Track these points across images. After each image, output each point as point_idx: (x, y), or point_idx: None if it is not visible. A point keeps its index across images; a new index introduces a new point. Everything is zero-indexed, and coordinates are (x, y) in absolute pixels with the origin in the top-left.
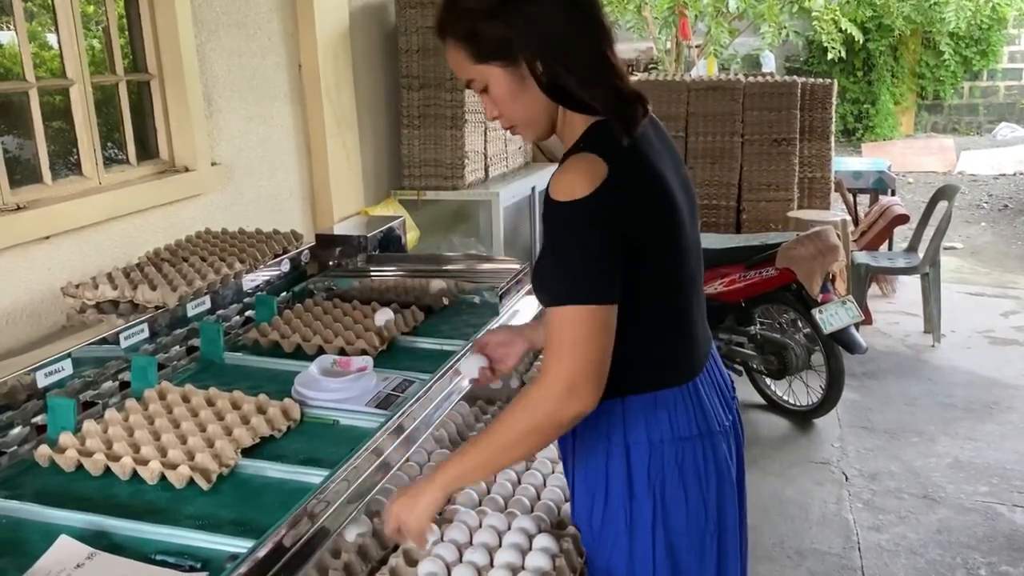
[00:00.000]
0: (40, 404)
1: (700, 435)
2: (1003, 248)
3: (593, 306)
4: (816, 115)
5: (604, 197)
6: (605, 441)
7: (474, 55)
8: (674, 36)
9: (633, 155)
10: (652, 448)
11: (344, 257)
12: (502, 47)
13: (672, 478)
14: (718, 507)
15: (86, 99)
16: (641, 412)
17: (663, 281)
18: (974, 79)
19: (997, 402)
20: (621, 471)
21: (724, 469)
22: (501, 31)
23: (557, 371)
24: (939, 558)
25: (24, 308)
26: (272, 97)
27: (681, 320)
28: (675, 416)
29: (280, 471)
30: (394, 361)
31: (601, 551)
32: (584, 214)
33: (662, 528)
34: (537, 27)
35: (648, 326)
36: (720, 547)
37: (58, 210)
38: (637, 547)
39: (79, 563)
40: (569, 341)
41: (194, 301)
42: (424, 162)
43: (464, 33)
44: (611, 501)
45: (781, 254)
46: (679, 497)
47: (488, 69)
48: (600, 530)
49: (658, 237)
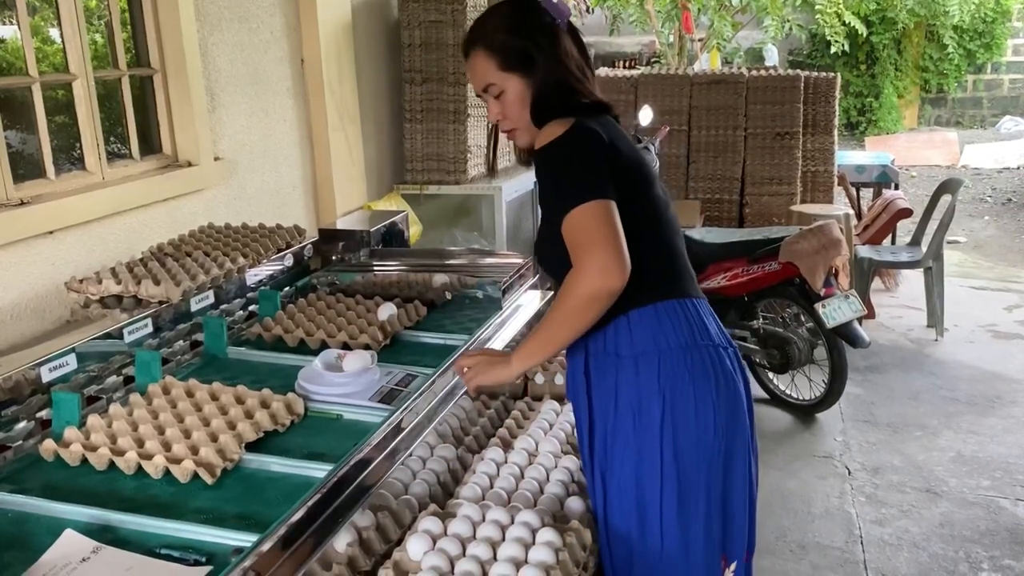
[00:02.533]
0: (45, 399)
1: (703, 344)
2: (1006, 242)
3: (595, 201)
4: (819, 109)
5: (580, 130)
6: (614, 357)
7: (501, 64)
8: (677, 30)
9: (597, 120)
10: (661, 355)
11: (347, 252)
12: (524, 59)
13: (682, 381)
14: (727, 423)
15: (89, 94)
16: (647, 323)
17: (645, 212)
18: (978, 72)
19: (1000, 396)
20: (630, 381)
21: (732, 380)
22: (525, 44)
23: (586, 259)
24: (942, 552)
25: (28, 303)
26: (275, 91)
27: (669, 250)
28: (678, 325)
29: (284, 465)
30: (397, 356)
31: (612, 471)
32: (567, 143)
33: (670, 435)
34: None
35: (646, 249)
36: (727, 466)
37: (61, 205)
38: (645, 458)
39: (84, 557)
40: (586, 236)
41: (198, 296)
42: (427, 156)
43: (498, 46)
44: (620, 412)
45: (784, 248)
46: (688, 401)
47: (509, 77)
48: (611, 447)
49: (632, 174)
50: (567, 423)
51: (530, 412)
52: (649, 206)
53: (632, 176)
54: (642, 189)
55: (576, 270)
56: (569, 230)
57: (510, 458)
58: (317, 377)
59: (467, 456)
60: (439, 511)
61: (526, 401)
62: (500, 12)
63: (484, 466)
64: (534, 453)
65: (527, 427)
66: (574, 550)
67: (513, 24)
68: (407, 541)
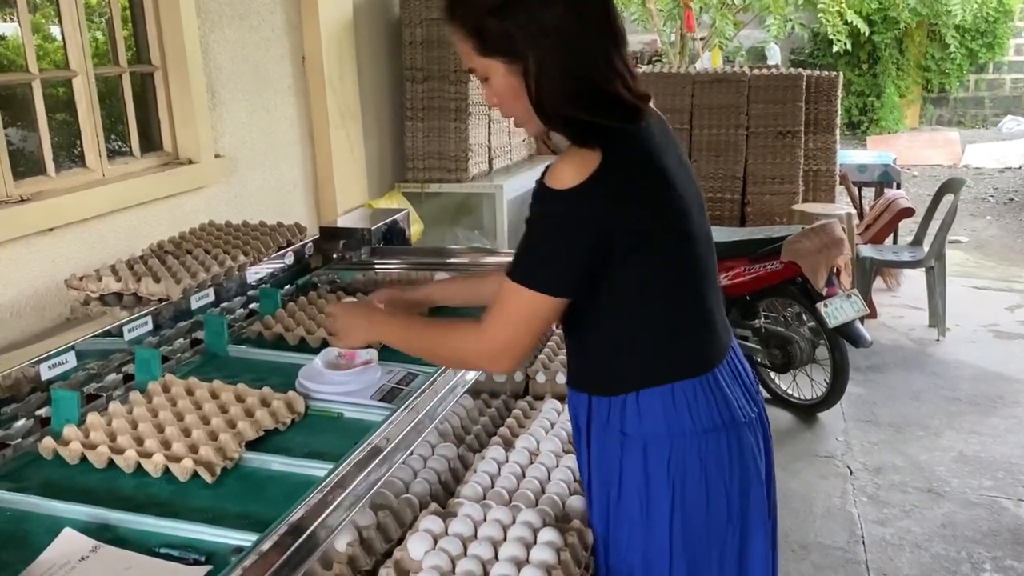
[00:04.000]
0: (44, 396)
1: (724, 426)
2: (1008, 242)
3: (543, 295)
4: (821, 108)
5: (590, 192)
6: (619, 435)
7: (478, 48)
8: (678, 28)
9: (633, 145)
10: (673, 441)
11: (348, 250)
12: (506, 44)
13: (693, 472)
14: (742, 502)
15: (89, 91)
16: (659, 404)
17: (674, 270)
18: (980, 72)
19: (1002, 396)
20: (636, 464)
21: (750, 461)
22: (505, 28)
23: (491, 335)
24: (944, 552)
25: (28, 300)
26: (276, 89)
27: (697, 310)
28: (695, 407)
29: (284, 464)
30: (398, 354)
31: (616, 547)
32: (565, 206)
33: (680, 522)
34: (540, 30)
35: (660, 316)
36: (743, 543)
37: (62, 202)
38: (653, 541)
39: (83, 556)
40: (511, 315)
41: (198, 294)
42: (428, 154)
43: (470, 26)
44: (624, 495)
45: (786, 247)
46: (699, 491)
47: (491, 63)
48: (614, 526)
49: (662, 225)
50: (568, 422)
51: (531, 411)
52: (682, 260)
53: (664, 231)
54: (678, 242)
55: (478, 335)
56: (507, 293)
57: (511, 457)
58: (318, 375)
59: (468, 455)
60: (440, 510)
61: (527, 400)
62: None
63: (485, 465)
64: (535, 452)
65: (528, 426)
66: (576, 550)
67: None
68: (408, 540)
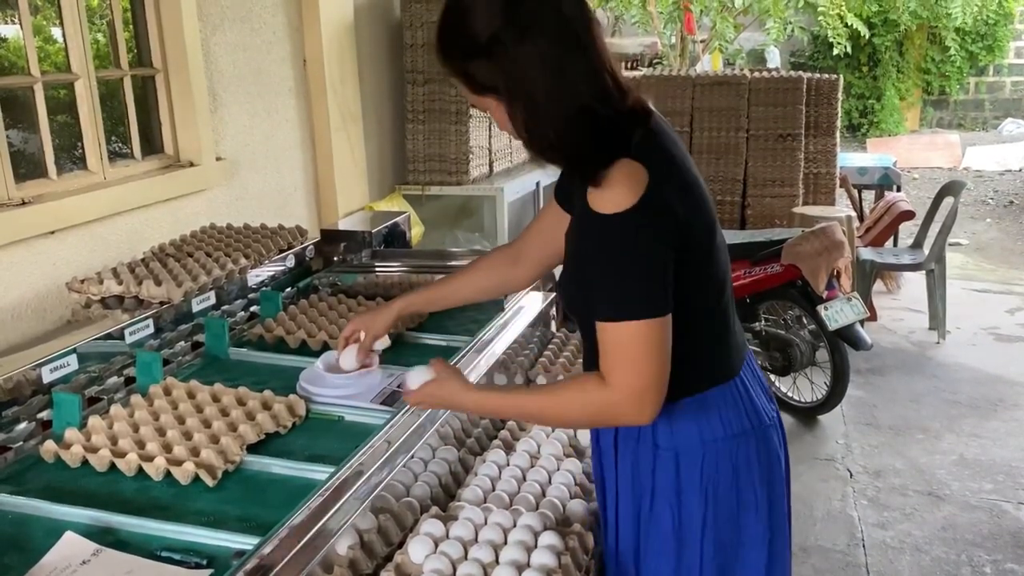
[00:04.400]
0: (45, 399)
1: (753, 429)
2: (1008, 244)
3: (653, 319)
4: (821, 111)
5: (651, 204)
6: (652, 448)
7: (470, 88)
8: (679, 31)
9: (666, 158)
10: (705, 449)
11: (349, 252)
12: (491, 85)
13: (725, 477)
14: (769, 503)
15: (91, 93)
16: (692, 415)
17: (707, 282)
18: (980, 74)
19: (1002, 399)
20: (669, 476)
21: (775, 462)
22: (487, 71)
23: (626, 382)
24: (944, 555)
25: (29, 303)
26: (277, 92)
27: (723, 319)
28: (725, 414)
29: (285, 467)
30: (400, 357)
31: (648, 558)
32: (634, 225)
33: (712, 531)
34: (522, 69)
35: (695, 328)
36: (771, 546)
37: (63, 205)
38: (685, 551)
39: (85, 559)
40: (633, 355)
41: (199, 297)
42: (429, 157)
43: (456, 70)
44: (656, 506)
45: (786, 250)
46: (731, 497)
47: (485, 100)
48: (645, 537)
49: (700, 238)
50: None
51: None
52: (713, 271)
53: (701, 244)
54: (711, 253)
55: (610, 389)
56: (616, 337)
57: (512, 460)
58: (319, 379)
59: (469, 458)
60: (441, 513)
61: None
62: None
63: (486, 468)
64: (536, 456)
65: (529, 429)
66: (576, 554)
67: (467, 46)
68: (409, 544)
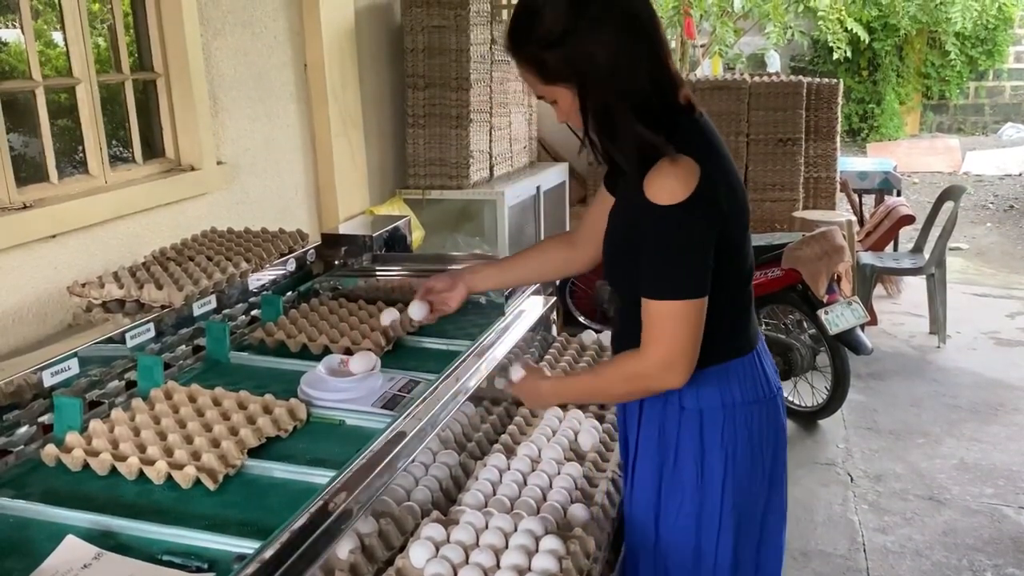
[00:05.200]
0: (46, 403)
1: (765, 398)
2: (1009, 249)
3: (692, 300)
4: (821, 115)
5: (703, 196)
6: (677, 409)
7: (541, 77)
8: (679, 36)
9: (712, 152)
10: (726, 411)
11: (350, 256)
12: (565, 73)
13: (743, 439)
14: (773, 464)
15: (92, 98)
16: (715, 380)
17: (739, 265)
18: (980, 79)
19: (1003, 403)
20: (694, 434)
21: (780, 428)
22: (563, 59)
23: (658, 354)
24: (945, 560)
25: (30, 307)
26: (278, 96)
27: (746, 294)
28: (744, 382)
29: (286, 471)
30: (400, 361)
31: (667, 512)
32: (687, 216)
33: (732, 486)
34: (592, 61)
35: (725, 305)
36: (770, 499)
37: (64, 209)
38: (707, 504)
39: (86, 563)
40: (671, 329)
41: (200, 300)
42: (429, 161)
43: (530, 58)
44: (680, 463)
45: (786, 255)
46: (746, 457)
47: (555, 89)
48: (667, 493)
49: (736, 227)
50: (570, 430)
51: (533, 419)
52: (744, 256)
53: (738, 233)
54: (744, 242)
55: (643, 360)
56: (657, 313)
57: (513, 465)
58: (320, 382)
59: (470, 462)
60: (442, 518)
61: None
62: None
63: (487, 473)
64: (537, 460)
65: (530, 434)
66: (577, 558)
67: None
68: (410, 548)
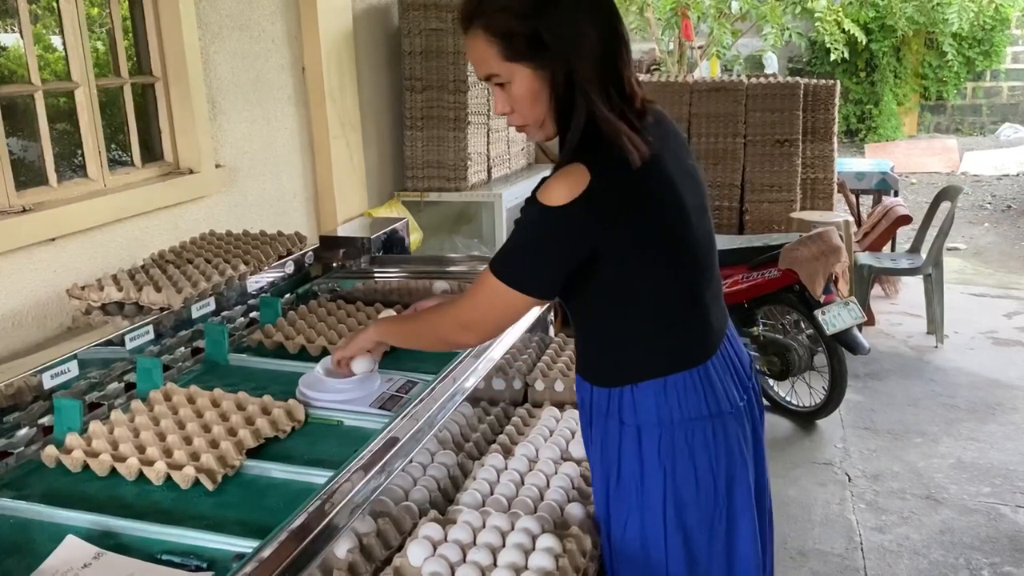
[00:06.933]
0: (46, 405)
1: (710, 415)
2: (1006, 249)
3: (517, 293)
4: (819, 116)
5: (576, 213)
6: (618, 424)
7: (504, 53)
8: (677, 37)
9: (653, 159)
10: (662, 428)
11: (348, 259)
12: (534, 49)
13: (682, 456)
14: (728, 487)
15: (91, 101)
16: (652, 396)
17: (665, 272)
18: (977, 80)
19: (1000, 403)
20: (633, 450)
21: (735, 448)
22: (535, 32)
23: (463, 315)
24: (942, 559)
25: (30, 310)
26: (276, 99)
27: (690, 307)
28: (684, 398)
29: (285, 472)
30: (398, 362)
31: (616, 528)
32: (552, 222)
33: (673, 504)
34: (572, 36)
35: (657, 316)
36: (730, 527)
37: (63, 212)
38: (648, 523)
39: (86, 563)
40: (485, 303)
41: (199, 303)
42: (427, 164)
43: (498, 30)
44: (623, 479)
45: (784, 255)
46: (688, 474)
47: (515, 68)
48: (614, 508)
49: (658, 230)
50: (567, 429)
51: (530, 418)
52: (680, 261)
53: (662, 236)
54: (675, 244)
55: (450, 313)
56: (484, 283)
57: (510, 464)
58: (318, 384)
59: (467, 462)
60: (440, 517)
61: (526, 408)
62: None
63: (484, 472)
64: (534, 459)
65: (527, 433)
66: (574, 556)
67: (519, 3)
68: (407, 547)
